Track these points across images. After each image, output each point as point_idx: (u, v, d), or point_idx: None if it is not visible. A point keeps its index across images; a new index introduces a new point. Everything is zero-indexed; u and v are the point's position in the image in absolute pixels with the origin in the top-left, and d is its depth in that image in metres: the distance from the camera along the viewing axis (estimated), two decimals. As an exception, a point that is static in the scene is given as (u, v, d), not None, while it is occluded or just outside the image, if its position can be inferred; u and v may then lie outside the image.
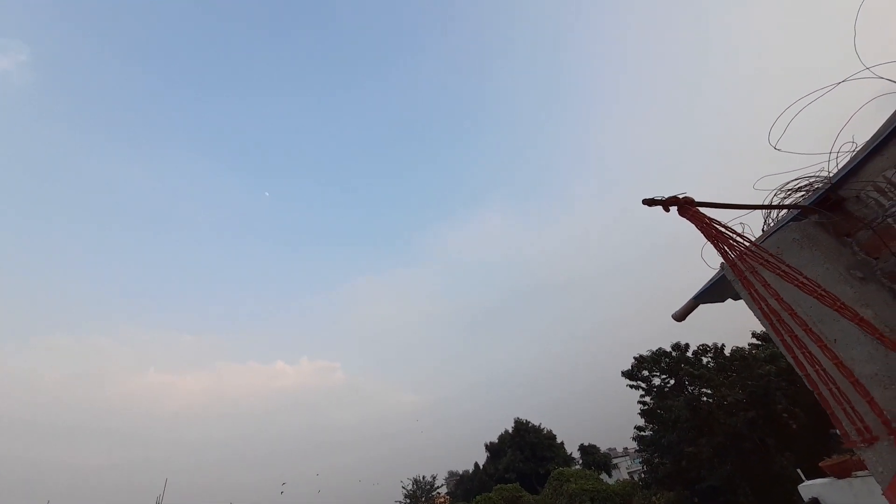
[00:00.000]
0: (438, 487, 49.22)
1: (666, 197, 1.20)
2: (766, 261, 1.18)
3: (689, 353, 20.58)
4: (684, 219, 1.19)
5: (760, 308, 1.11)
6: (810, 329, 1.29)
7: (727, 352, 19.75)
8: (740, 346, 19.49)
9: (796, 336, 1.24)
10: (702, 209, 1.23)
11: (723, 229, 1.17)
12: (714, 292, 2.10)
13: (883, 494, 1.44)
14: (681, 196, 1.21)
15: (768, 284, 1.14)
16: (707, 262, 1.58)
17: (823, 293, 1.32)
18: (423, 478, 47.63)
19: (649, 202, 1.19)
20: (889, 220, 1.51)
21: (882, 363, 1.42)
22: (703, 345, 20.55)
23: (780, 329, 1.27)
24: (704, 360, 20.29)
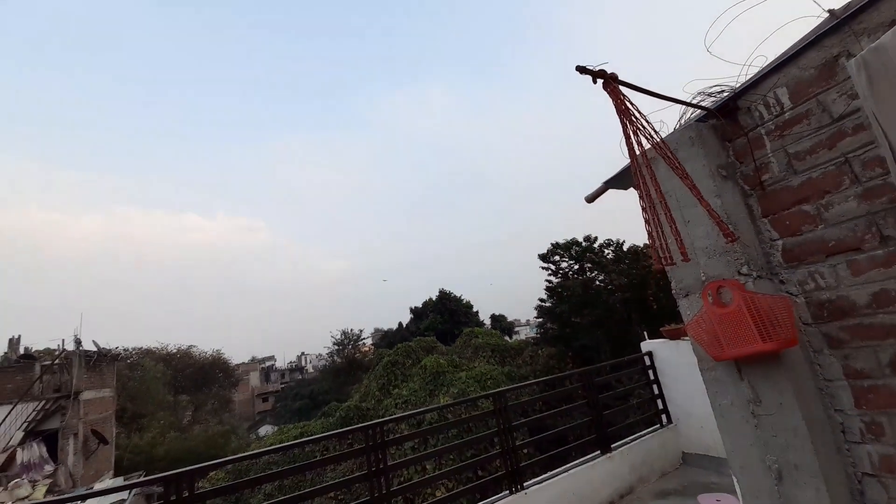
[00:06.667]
0: (364, 339, 56.12)
1: (597, 68, 1.30)
2: (666, 154, 1.42)
3: (596, 245, 23.81)
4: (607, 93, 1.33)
5: (641, 191, 1.39)
6: (670, 209, 1.66)
7: (626, 247, 23.24)
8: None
9: (657, 215, 1.60)
10: (624, 89, 1.36)
11: (637, 115, 1.34)
12: (622, 179, 2.44)
13: (685, 329, 2.08)
14: (609, 72, 1.32)
15: (654, 175, 1.40)
16: (624, 154, 1.78)
17: (692, 185, 1.66)
18: (352, 330, 53.45)
19: (581, 69, 1.29)
20: (761, 130, 1.83)
21: (713, 239, 1.88)
22: (608, 239, 23.78)
23: (650, 209, 1.61)
24: (606, 252, 23.68)
